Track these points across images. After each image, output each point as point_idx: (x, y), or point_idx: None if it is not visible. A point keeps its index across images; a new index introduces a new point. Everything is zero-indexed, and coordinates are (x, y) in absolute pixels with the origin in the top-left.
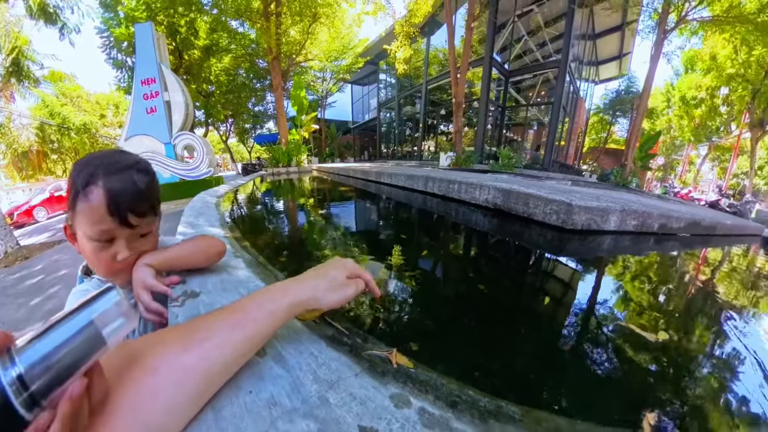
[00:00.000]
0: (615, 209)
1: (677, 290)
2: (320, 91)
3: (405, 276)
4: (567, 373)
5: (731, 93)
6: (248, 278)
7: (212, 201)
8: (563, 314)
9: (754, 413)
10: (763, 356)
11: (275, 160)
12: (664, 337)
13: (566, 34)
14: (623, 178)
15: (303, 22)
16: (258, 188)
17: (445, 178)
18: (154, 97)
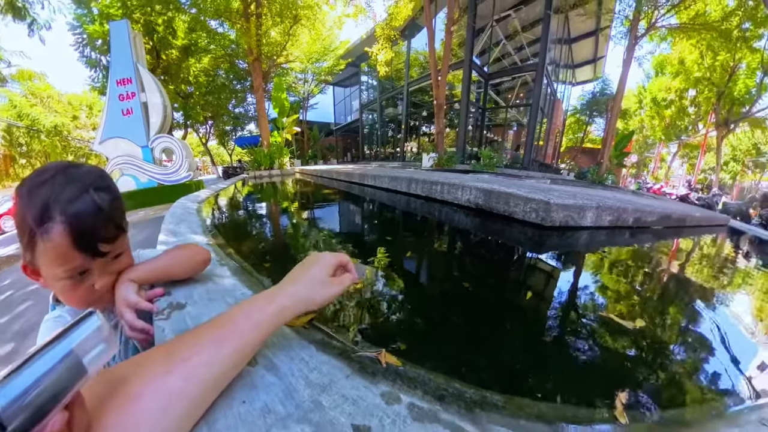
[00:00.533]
0: (591, 206)
1: (651, 279)
2: (302, 93)
3: (391, 276)
4: (549, 362)
5: (698, 95)
6: (234, 286)
7: (193, 207)
8: (544, 307)
9: (723, 388)
10: (730, 333)
11: (257, 162)
12: (641, 323)
13: (543, 39)
14: (599, 175)
15: (284, 24)
16: (240, 192)
17: (428, 179)
18: (131, 98)
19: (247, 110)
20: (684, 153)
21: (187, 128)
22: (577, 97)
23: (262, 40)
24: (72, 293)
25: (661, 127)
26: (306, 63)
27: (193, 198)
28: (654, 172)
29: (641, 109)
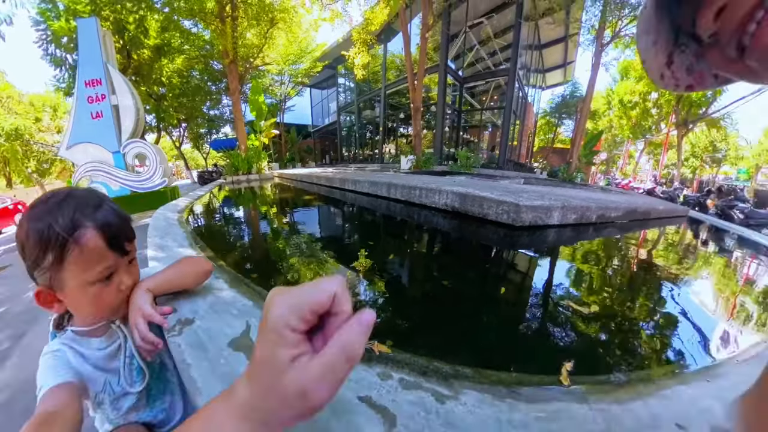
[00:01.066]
0: (557, 206)
1: (611, 267)
2: (279, 95)
3: (378, 276)
4: (515, 341)
5: (660, 98)
6: (234, 298)
7: (174, 217)
8: (514, 297)
9: (677, 353)
10: (684, 309)
11: (234, 167)
12: (598, 306)
13: (514, 45)
14: (569, 174)
15: (260, 26)
16: (220, 200)
17: (407, 184)
18: (101, 100)
19: (223, 112)
20: (649, 150)
21: (160, 131)
22: (547, 100)
23: (238, 42)
24: (99, 299)
25: (629, 126)
26: (282, 65)
27: (173, 207)
28: (622, 168)
29: (610, 110)
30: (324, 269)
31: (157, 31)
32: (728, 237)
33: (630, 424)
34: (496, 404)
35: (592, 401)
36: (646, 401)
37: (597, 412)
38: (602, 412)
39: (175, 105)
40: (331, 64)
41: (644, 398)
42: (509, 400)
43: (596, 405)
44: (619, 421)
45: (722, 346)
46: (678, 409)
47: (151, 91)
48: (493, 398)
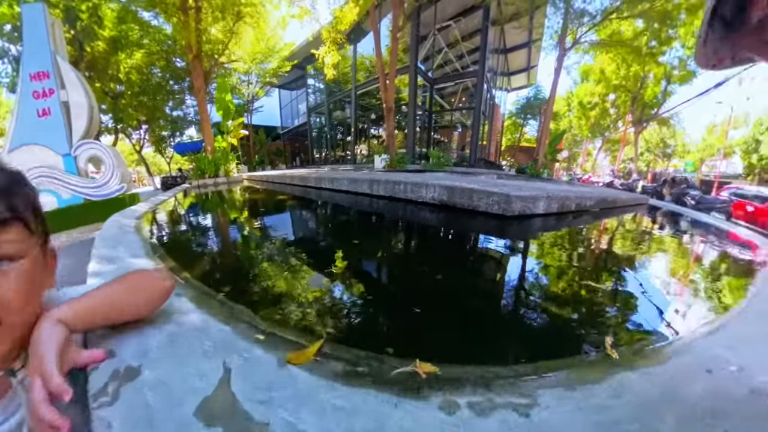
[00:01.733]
0: (542, 196)
1: (598, 249)
2: (246, 95)
3: (372, 277)
4: (546, 328)
5: (617, 99)
6: (205, 325)
7: (130, 224)
8: (514, 286)
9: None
10: (654, 285)
11: (200, 170)
12: (609, 283)
13: (482, 48)
14: (537, 170)
15: (226, 20)
16: (185, 206)
17: (390, 179)
18: (48, 95)
19: (187, 113)
20: (607, 147)
21: (118, 133)
22: (513, 102)
23: (203, 36)
24: None
25: (587, 126)
26: (250, 64)
27: (130, 214)
28: (582, 164)
29: (570, 111)
30: (309, 274)
31: (113, 21)
32: (684, 220)
33: (672, 380)
34: (574, 397)
35: (639, 368)
36: (678, 358)
37: (644, 375)
38: (649, 375)
39: (134, 104)
40: (300, 64)
41: (676, 356)
42: (580, 389)
43: (644, 370)
44: (672, 387)
45: (702, 307)
46: (699, 359)
47: (108, 88)
48: (565, 390)
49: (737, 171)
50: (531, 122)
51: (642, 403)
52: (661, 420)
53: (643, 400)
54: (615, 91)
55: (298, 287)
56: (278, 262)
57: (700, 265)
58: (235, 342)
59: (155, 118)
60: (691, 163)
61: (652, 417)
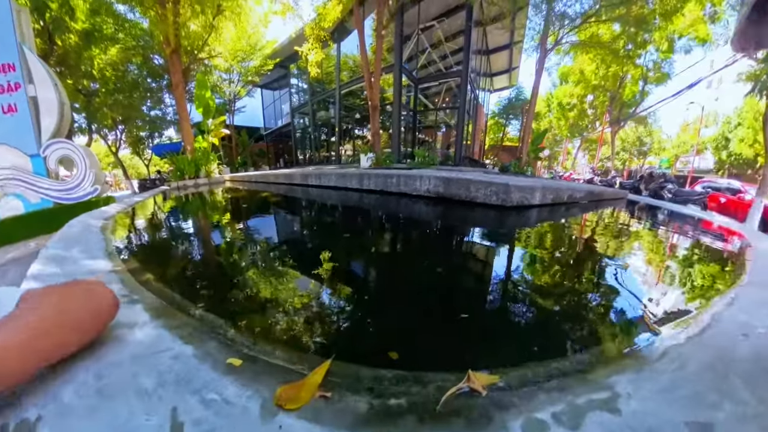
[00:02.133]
0: (538, 187)
1: (599, 239)
2: (228, 94)
3: (376, 277)
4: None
5: (595, 99)
6: (159, 339)
7: (97, 224)
8: (530, 277)
9: None
10: (658, 270)
11: (180, 171)
12: (627, 266)
13: (466, 48)
14: (520, 168)
15: (205, 14)
16: (161, 207)
17: (381, 173)
18: (14, 90)
19: (166, 113)
20: (585, 146)
21: (92, 134)
22: (495, 102)
23: (181, 31)
24: None
25: (567, 126)
26: (231, 61)
27: (99, 214)
28: (562, 163)
29: (549, 112)
30: (299, 277)
31: (85, 13)
32: (661, 212)
33: (720, 346)
34: (645, 378)
35: (685, 338)
36: (713, 328)
37: (694, 345)
38: (697, 344)
39: (109, 102)
40: (283, 63)
41: (711, 326)
42: (646, 369)
43: (692, 340)
44: (722, 351)
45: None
46: (730, 326)
47: (80, 85)
48: (634, 374)
49: (709, 166)
50: (513, 122)
51: (707, 368)
52: (730, 382)
53: (706, 366)
54: (594, 92)
55: (288, 293)
56: (262, 264)
57: (695, 249)
58: (197, 372)
59: (132, 117)
60: (666, 159)
61: (722, 380)
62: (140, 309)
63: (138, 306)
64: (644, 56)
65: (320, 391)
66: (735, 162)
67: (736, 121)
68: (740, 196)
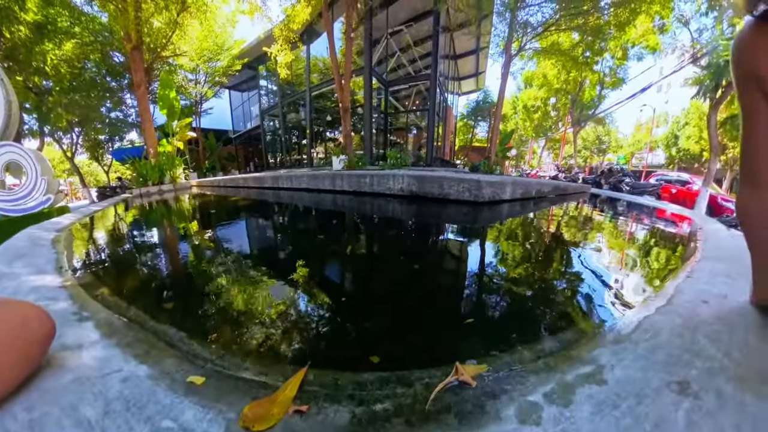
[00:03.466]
0: (509, 182)
1: (566, 230)
2: (194, 95)
3: (352, 279)
4: None
5: (558, 102)
6: (107, 360)
7: (47, 237)
8: (507, 266)
9: None
10: (621, 253)
11: (143, 177)
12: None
13: (434, 52)
14: (490, 167)
15: (169, 11)
16: (121, 217)
17: (354, 173)
18: None
19: (127, 115)
20: (550, 145)
21: (45, 137)
22: (464, 105)
23: (143, 27)
24: None
25: (532, 127)
26: (197, 61)
27: (50, 226)
28: (529, 161)
29: (515, 114)
30: (268, 284)
31: (37, 4)
32: (621, 203)
33: (686, 313)
34: (625, 348)
35: (653, 308)
36: (678, 297)
37: (663, 314)
38: (665, 313)
39: (64, 102)
40: (252, 63)
41: (675, 296)
42: (624, 339)
43: (660, 309)
44: (688, 317)
45: (666, 261)
46: (691, 296)
47: (32, 82)
48: (613, 345)
49: (661, 161)
50: (481, 124)
51: (677, 334)
52: (698, 342)
53: (676, 332)
54: (556, 95)
55: (258, 301)
56: (230, 272)
57: (654, 233)
58: (151, 395)
59: (90, 119)
60: (623, 156)
61: (691, 342)
62: (90, 327)
63: (87, 323)
64: (601, 63)
65: (295, 405)
66: (683, 157)
67: (684, 121)
68: (689, 186)
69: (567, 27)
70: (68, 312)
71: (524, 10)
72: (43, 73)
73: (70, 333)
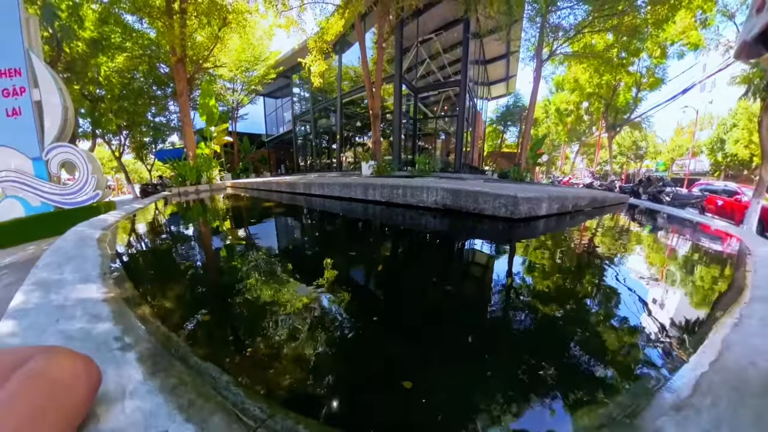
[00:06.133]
0: (545, 198)
1: (591, 253)
2: (231, 102)
3: (394, 296)
4: None
5: (590, 106)
6: (151, 415)
7: (93, 235)
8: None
9: None
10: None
11: (181, 177)
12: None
13: (464, 59)
14: (520, 174)
15: (211, 26)
16: (162, 213)
17: (387, 183)
18: (19, 94)
19: (169, 120)
20: (583, 151)
21: (96, 138)
22: (493, 110)
23: (187, 41)
24: None
25: (564, 131)
26: (235, 71)
27: (96, 223)
28: (561, 168)
29: (547, 118)
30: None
31: (94, 22)
32: (660, 217)
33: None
34: (684, 415)
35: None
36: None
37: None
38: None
39: (114, 108)
40: (286, 73)
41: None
42: (681, 403)
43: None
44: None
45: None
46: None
47: (87, 91)
48: (673, 411)
49: (705, 168)
50: (511, 129)
51: (740, 403)
52: (754, 405)
53: (738, 401)
54: (588, 99)
55: (311, 334)
56: (277, 297)
57: (696, 256)
58: None
59: (136, 123)
60: (662, 162)
61: (757, 418)
62: (132, 360)
63: (130, 355)
64: (638, 63)
65: None
66: (731, 163)
67: (731, 123)
68: (737, 197)
69: (601, 28)
70: (111, 337)
71: (555, 14)
72: (96, 82)
73: (112, 371)
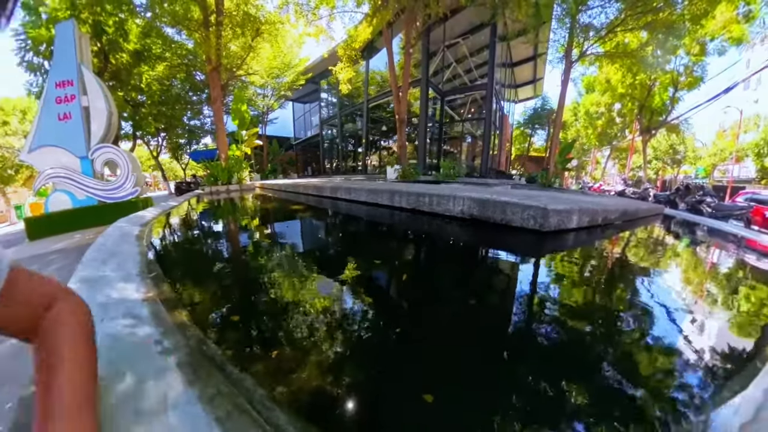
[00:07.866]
0: (575, 210)
1: (626, 272)
2: (261, 107)
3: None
4: None
5: (623, 108)
6: (193, 426)
7: (133, 231)
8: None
9: None
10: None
11: (213, 177)
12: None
13: (491, 62)
14: (548, 179)
15: (245, 36)
16: (196, 211)
17: (413, 191)
18: (70, 101)
19: (204, 123)
20: (615, 155)
21: (136, 139)
22: (520, 113)
23: (222, 51)
24: None
25: (595, 135)
26: (266, 78)
27: (135, 219)
28: (591, 173)
29: (576, 121)
30: (351, 308)
31: (137, 35)
32: (700, 230)
33: None
34: None
35: None
36: None
37: None
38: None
39: (153, 113)
40: (314, 78)
41: None
42: None
43: None
44: None
45: None
46: None
47: (129, 97)
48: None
49: (750, 175)
50: (539, 132)
51: None
52: None
53: None
54: (620, 100)
55: (352, 346)
56: (311, 300)
57: (742, 276)
58: None
59: (173, 126)
60: (702, 168)
61: None
62: (172, 365)
63: (170, 360)
64: (675, 60)
65: None
66: None
67: None
68: None
69: (634, 26)
70: (152, 340)
71: (586, 13)
72: (138, 89)
73: (151, 375)
